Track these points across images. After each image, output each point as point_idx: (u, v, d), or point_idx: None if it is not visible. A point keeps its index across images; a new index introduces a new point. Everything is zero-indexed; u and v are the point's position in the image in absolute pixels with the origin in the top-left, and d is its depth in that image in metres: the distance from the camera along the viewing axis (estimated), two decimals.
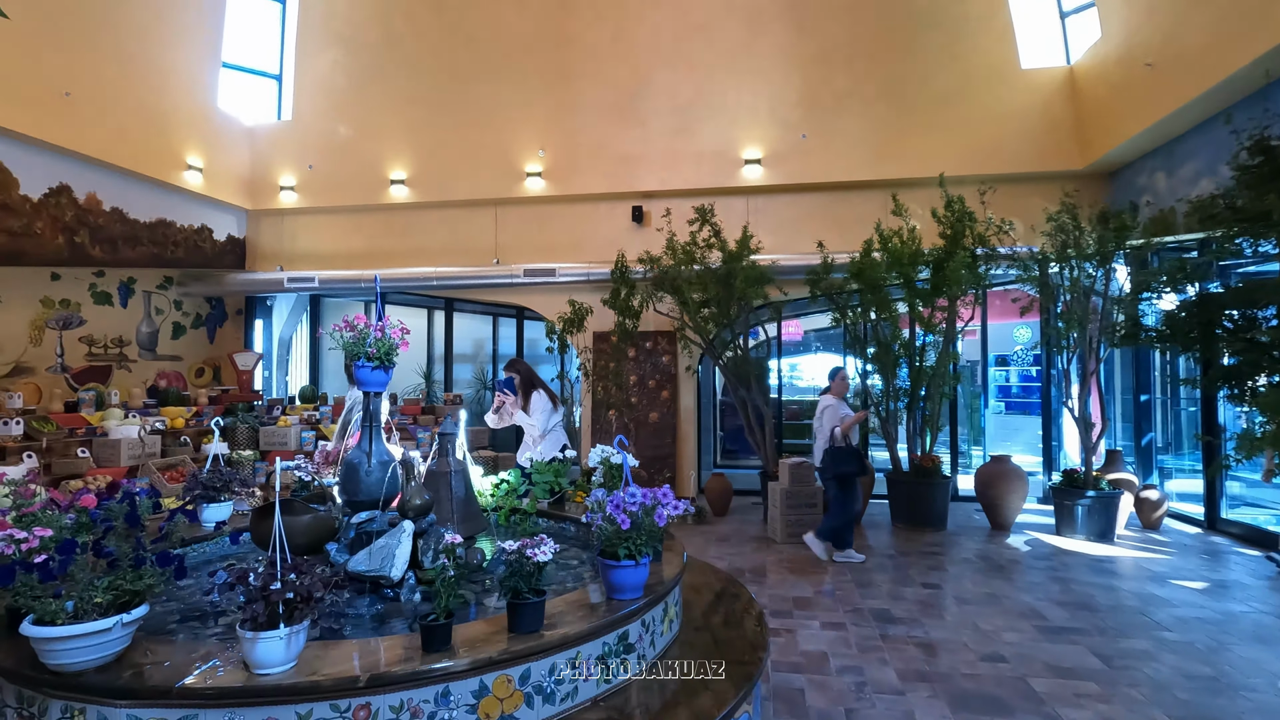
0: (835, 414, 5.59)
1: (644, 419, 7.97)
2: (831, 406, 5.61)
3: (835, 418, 5.57)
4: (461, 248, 8.62)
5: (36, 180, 6.55)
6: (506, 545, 2.04)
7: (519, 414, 4.72)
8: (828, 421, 5.58)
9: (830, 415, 5.59)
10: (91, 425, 6.27)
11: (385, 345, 3.04)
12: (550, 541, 2.09)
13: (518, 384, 4.77)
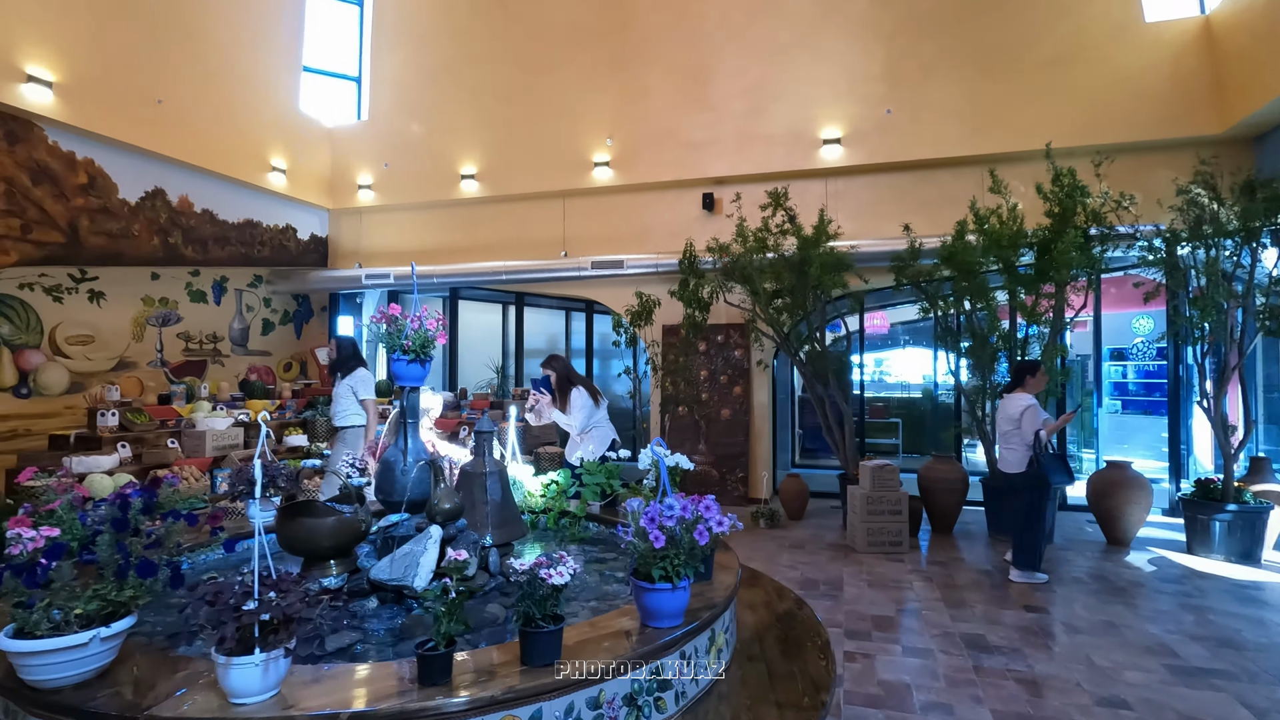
0: (1036, 415, 4.85)
1: (715, 415, 7.62)
2: (1032, 407, 4.86)
3: (1037, 419, 4.84)
4: (529, 241, 8.54)
5: (133, 184, 6.92)
6: (516, 564, 1.79)
7: (554, 412, 4.52)
8: (1029, 423, 4.85)
9: (1031, 417, 4.84)
10: (181, 417, 6.57)
11: (421, 338, 2.87)
12: (570, 561, 1.83)
13: (554, 381, 4.57)
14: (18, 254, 5.98)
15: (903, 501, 5.53)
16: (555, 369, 4.57)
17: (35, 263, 6.14)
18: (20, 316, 6.32)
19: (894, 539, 5.52)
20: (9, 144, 5.84)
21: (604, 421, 4.65)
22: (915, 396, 11.51)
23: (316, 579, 2.41)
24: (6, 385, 6.21)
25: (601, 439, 4.54)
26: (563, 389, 4.52)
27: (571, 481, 3.63)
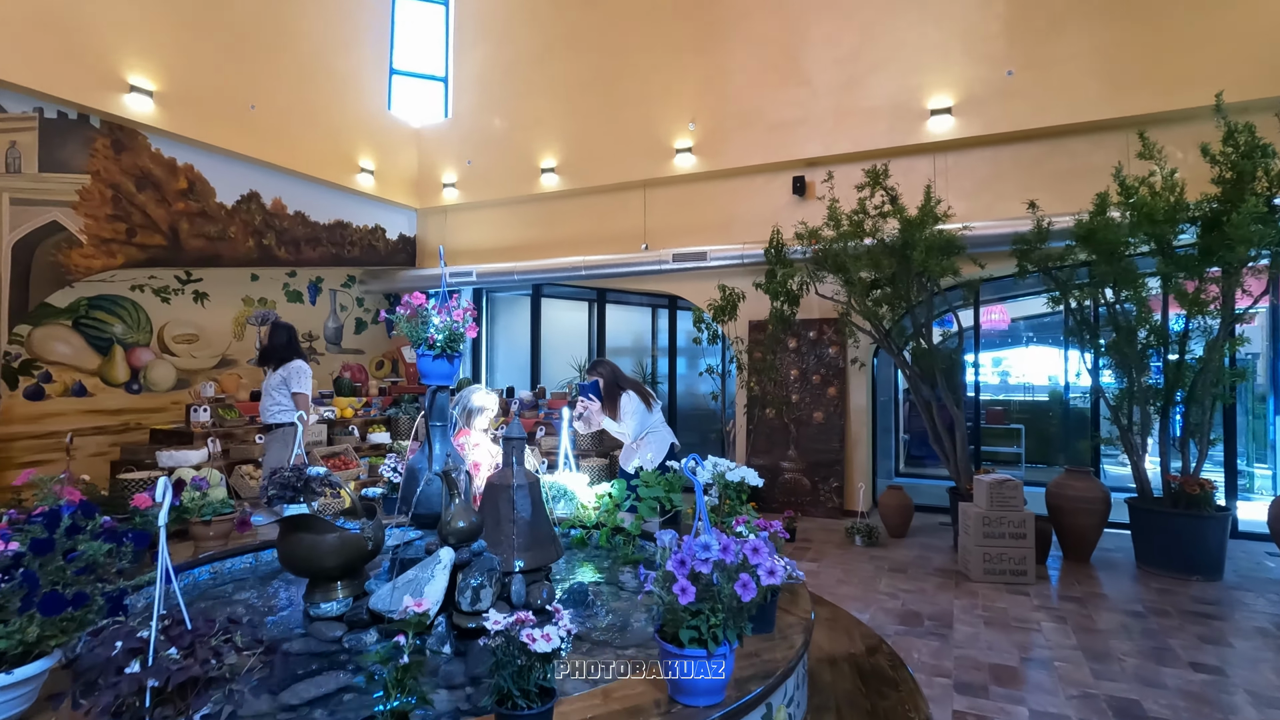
0: None
1: (807, 418, 6.98)
2: None
3: None
4: (609, 234, 8.22)
5: (230, 188, 7.18)
6: (494, 621, 1.38)
7: (605, 419, 4.12)
8: None
9: None
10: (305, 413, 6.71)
11: (446, 332, 2.55)
12: (565, 617, 1.40)
13: (602, 387, 4.17)
14: (124, 256, 6.28)
15: (1028, 523, 4.72)
16: (602, 374, 4.19)
17: (140, 265, 6.44)
18: (131, 316, 6.66)
19: (1016, 567, 4.72)
20: (116, 152, 6.14)
21: (660, 425, 4.21)
22: (1040, 400, 10.26)
23: (318, 603, 2.12)
24: (119, 381, 6.56)
25: (659, 445, 4.11)
26: (611, 394, 4.13)
27: (626, 494, 3.21)
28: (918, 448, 9.66)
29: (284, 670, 1.87)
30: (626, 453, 4.28)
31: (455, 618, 2.03)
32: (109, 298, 6.43)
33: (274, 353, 5.00)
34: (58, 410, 6.07)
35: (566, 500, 3.42)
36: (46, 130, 5.67)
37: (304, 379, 4.95)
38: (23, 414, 5.81)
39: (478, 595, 2.04)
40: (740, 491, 2.71)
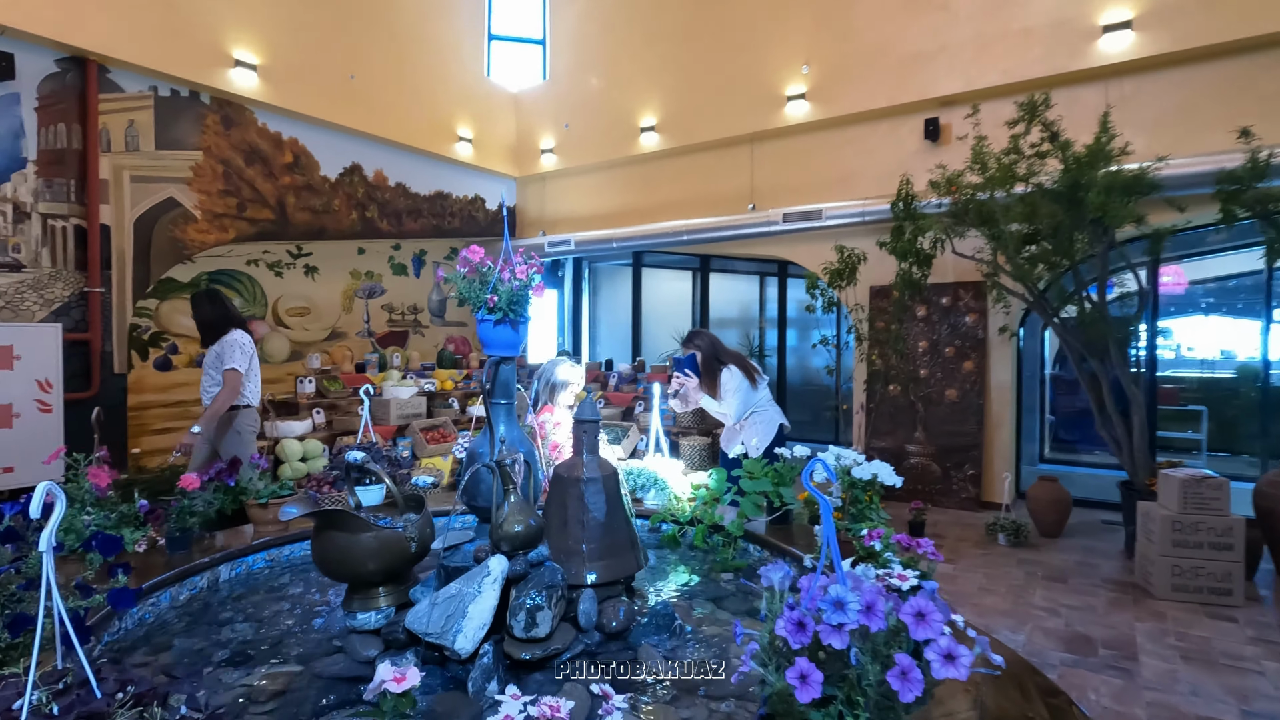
0: None
1: (937, 396, 6.15)
2: None
3: None
4: (713, 196, 7.61)
5: (333, 161, 7.22)
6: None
7: (703, 397, 3.59)
8: None
9: None
10: (373, 385, 6.75)
11: (507, 293, 2.13)
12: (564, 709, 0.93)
13: (700, 361, 3.63)
14: (235, 231, 6.44)
15: (1236, 532, 3.78)
16: (699, 346, 3.67)
17: (250, 239, 6.59)
18: (248, 290, 6.87)
19: (1218, 584, 3.80)
20: (225, 128, 6.26)
21: (767, 404, 3.65)
22: (1226, 377, 8.66)
23: (356, 612, 1.80)
24: None
25: (765, 427, 3.56)
26: (710, 369, 3.61)
27: (726, 486, 2.71)
28: (1068, 430, 8.44)
29: (313, 698, 1.54)
30: (728, 435, 3.77)
31: (507, 645, 1.63)
32: (227, 272, 6.63)
33: (207, 326, 4.15)
34: (184, 380, 6.35)
35: (657, 490, 2.97)
36: (161, 108, 5.82)
37: (236, 353, 4.06)
38: (153, 384, 6.10)
39: (534, 619, 1.62)
40: (871, 491, 2.14)
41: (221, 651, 1.83)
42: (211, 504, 2.36)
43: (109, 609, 1.80)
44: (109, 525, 1.84)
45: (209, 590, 2.21)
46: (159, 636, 1.91)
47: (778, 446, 2.74)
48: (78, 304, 5.38)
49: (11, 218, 5.02)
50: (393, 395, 6.51)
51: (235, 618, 2.04)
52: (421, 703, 1.53)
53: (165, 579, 2.05)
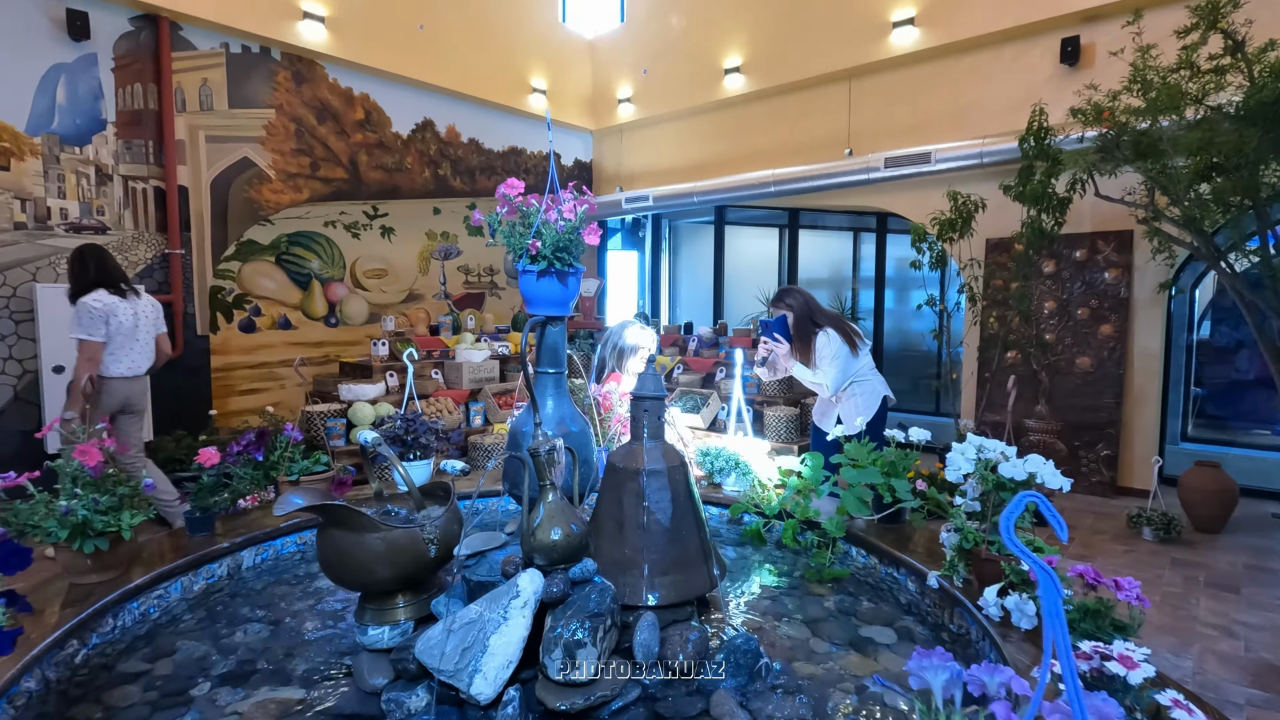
0: None
1: (1066, 365, 5.35)
2: None
3: None
4: (805, 141, 6.91)
5: (404, 117, 7.01)
6: None
7: (795, 365, 3.06)
8: None
9: None
10: (446, 348, 6.61)
11: (552, 236, 1.73)
12: None
13: (791, 323, 3.10)
14: (309, 191, 6.36)
15: None
16: (791, 306, 3.14)
17: (324, 199, 6.51)
18: (327, 252, 6.84)
19: None
20: (296, 84, 6.13)
21: (869, 373, 3.11)
22: None
23: (368, 626, 1.48)
24: (318, 315, 6.81)
25: (867, 399, 3.03)
26: (804, 332, 3.08)
27: (822, 475, 2.23)
28: (1218, 405, 7.32)
29: None
30: (822, 408, 3.26)
31: (540, 689, 1.27)
32: (306, 234, 6.60)
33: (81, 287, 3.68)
34: (267, 342, 6.41)
35: (738, 474, 2.53)
36: (233, 66, 5.73)
37: (83, 319, 3.57)
38: (239, 345, 6.17)
39: (573, 657, 1.24)
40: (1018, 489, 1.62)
41: (224, 662, 1.56)
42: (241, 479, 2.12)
43: (101, 604, 1.57)
44: (100, 509, 1.59)
45: (230, 578, 1.97)
46: (163, 636, 1.67)
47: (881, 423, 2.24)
48: (160, 266, 5.43)
49: (95, 180, 5.06)
50: (465, 359, 6.32)
51: (251, 615, 1.79)
52: None
53: (176, 567, 1.82)
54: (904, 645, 1.65)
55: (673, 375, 6.65)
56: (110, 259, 3.81)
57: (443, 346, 6.63)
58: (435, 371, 6.30)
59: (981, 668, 0.73)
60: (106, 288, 3.70)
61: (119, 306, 3.70)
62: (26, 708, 1.33)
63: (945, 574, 1.70)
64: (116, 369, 3.72)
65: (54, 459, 1.67)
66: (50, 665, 1.42)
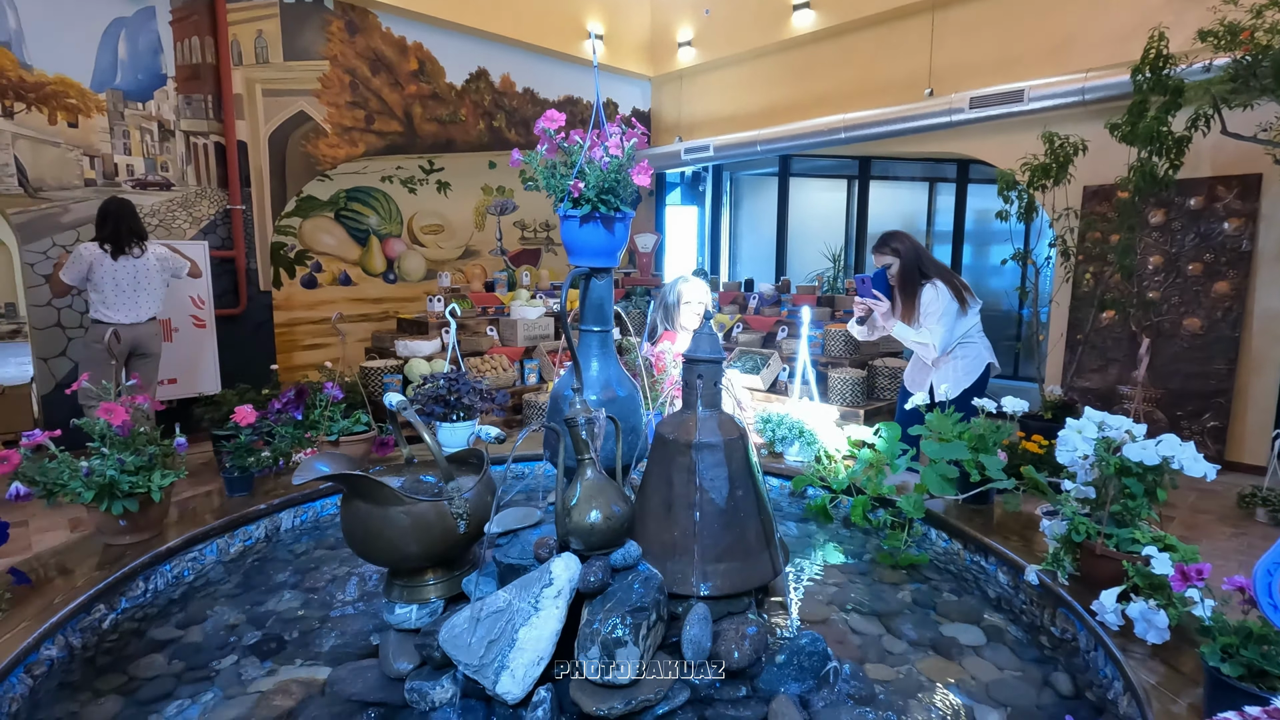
0: None
1: (1171, 326, 4.84)
2: None
3: None
4: (879, 83, 6.39)
5: (458, 67, 6.83)
6: None
7: (895, 324, 2.77)
8: None
9: None
10: (501, 305, 6.54)
11: (597, 176, 1.52)
12: None
13: (894, 275, 2.78)
14: (364, 144, 6.31)
15: None
16: (899, 251, 2.82)
17: (380, 153, 6.44)
18: (384, 208, 6.82)
19: None
20: (350, 34, 6.02)
21: (976, 336, 2.80)
22: None
23: (395, 604, 1.37)
24: (377, 271, 6.84)
25: (970, 365, 2.73)
26: (910, 285, 2.76)
27: (899, 448, 2.00)
28: None
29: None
30: (916, 371, 2.95)
31: (575, 689, 1.12)
32: (363, 189, 6.59)
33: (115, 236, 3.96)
34: (329, 298, 6.48)
35: (803, 444, 2.32)
36: (286, 16, 5.65)
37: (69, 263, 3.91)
38: (301, 301, 6.26)
39: (612, 655, 1.09)
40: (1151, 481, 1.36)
41: (253, 633, 1.49)
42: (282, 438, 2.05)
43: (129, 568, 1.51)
44: (128, 470, 1.52)
45: (267, 541, 1.91)
46: (196, 601, 1.62)
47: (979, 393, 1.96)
48: (223, 222, 5.49)
49: (158, 136, 5.11)
50: (520, 316, 6.24)
51: (286, 581, 1.72)
52: None
53: (211, 529, 1.76)
54: (994, 648, 1.43)
55: (732, 334, 6.40)
56: (124, 218, 3.98)
57: (497, 303, 6.56)
58: (490, 329, 6.24)
59: None
60: (111, 244, 3.93)
61: (108, 264, 3.92)
62: (47, 677, 1.28)
63: (1047, 568, 1.46)
64: (112, 316, 3.94)
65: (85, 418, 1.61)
66: (75, 631, 1.37)
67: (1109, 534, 1.37)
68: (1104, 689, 1.25)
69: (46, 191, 4.67)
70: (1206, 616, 1.05)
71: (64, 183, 4.74)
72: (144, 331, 4.10)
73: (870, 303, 2.81)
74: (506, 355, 6.03)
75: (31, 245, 4.65)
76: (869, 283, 2.82)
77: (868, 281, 2.82)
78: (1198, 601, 1.08)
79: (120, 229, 3.95)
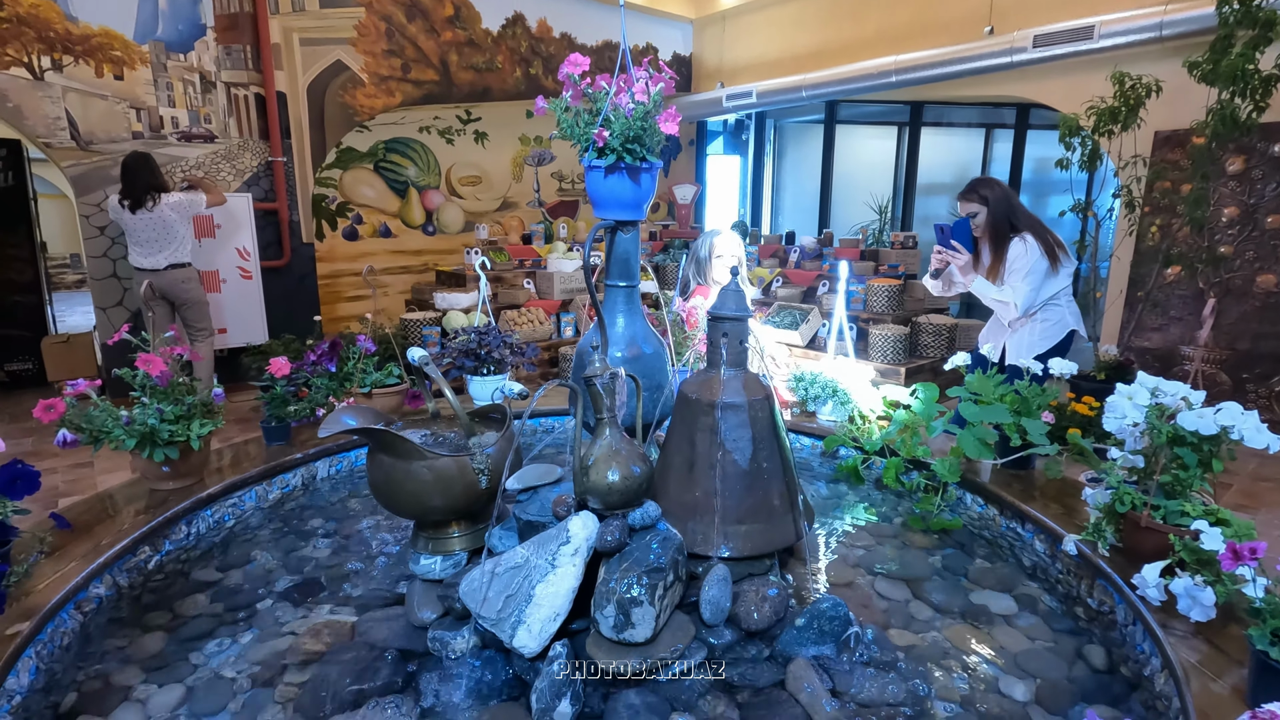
0: None
1: (1242, 284, 4.55)
2: None
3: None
4: (935, 21, 6.01)
5: (494, 12, 6.67)
6: None
7: (976, 280, 2.60)
8: None
9: None
10: (538, 258, 6.52)
11: (622, 124, 1.46)
12: None
13: (980, 225, 2.59)
14: (401, 94, 6.26)
15: None
16: (988, 198, 2.59)
17: (416, 103, 6.39)
18: (422, 159, 6.81)
19: None
20: None
21: (1064, 300, 2.59)
22: None
23: (420, 554, 1.39)
24: (416, 223, 6.87)
25: (1051, 328, 2.55)
26: (998, 237, 2.56)
27: (936, 409, 1.92)
28: None
29: (342, 678, 1.17)
30: (992, 331, 2.79)
31: (591, 645, 1.13)
32: (401, 140, 6.57)
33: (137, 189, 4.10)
34: (370, 250, 6.56)
35: (836, 403, 2.26)
36: None
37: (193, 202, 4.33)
38: (343, 253, 6.35)
39: (628, 615, 1.08)
40: (1207, 452, 1.28)
41: (289, 578, 1.54)
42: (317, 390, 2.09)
43: (172, 513, 1.57)
44: (168, 419, 1.57)
45: (304, 489, 1.97)
46: (237, 545, 1.68)
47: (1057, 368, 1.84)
48: (265, 174, 5.56)
49: (199, 88, 5.16)
50: (556, 269, 6.22)
51: (321, 529, 1.77)
52: (468, 713, 1.09)
53: (250, 477, 1.82)
54: (1026, 618, 1.39)
55: (771, 288, 6.28)
56: (140, 173, 4.11)
57: (534, 256, 6.54)
58: (527, 281, 6.25)
59: None
60: (129, 199, 4.10)
61: (127, 217, 4.12)
62: (96, 613, 1.35)
63: (1088, 538, 1.40)
64: (142, 264, 4.18)
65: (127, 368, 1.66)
66: (122, 571, 1.44)
67: (1156, 505, 1.30)
68: (1140, 665, 1.20)
69: (97, 144, 4.78)
70: (1258, 597, 0.99)
71: (113, 135, 4.84)
72: (169, 279, 4.24)
73: (949, 255, 2.62)
74: (543, 308, 6.04)
75: (85, 197, 4.79)
76: (948, 232, 2.63)
77: (947, 231, 2.63)
78: (1249, 580, 1.01)
79: (136, 184, 4.09)
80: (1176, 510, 1.28)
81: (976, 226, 2.64)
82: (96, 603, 1.35)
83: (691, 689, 1.12)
